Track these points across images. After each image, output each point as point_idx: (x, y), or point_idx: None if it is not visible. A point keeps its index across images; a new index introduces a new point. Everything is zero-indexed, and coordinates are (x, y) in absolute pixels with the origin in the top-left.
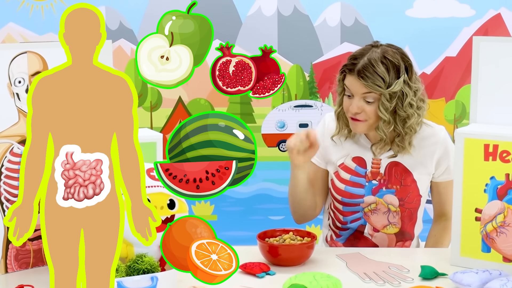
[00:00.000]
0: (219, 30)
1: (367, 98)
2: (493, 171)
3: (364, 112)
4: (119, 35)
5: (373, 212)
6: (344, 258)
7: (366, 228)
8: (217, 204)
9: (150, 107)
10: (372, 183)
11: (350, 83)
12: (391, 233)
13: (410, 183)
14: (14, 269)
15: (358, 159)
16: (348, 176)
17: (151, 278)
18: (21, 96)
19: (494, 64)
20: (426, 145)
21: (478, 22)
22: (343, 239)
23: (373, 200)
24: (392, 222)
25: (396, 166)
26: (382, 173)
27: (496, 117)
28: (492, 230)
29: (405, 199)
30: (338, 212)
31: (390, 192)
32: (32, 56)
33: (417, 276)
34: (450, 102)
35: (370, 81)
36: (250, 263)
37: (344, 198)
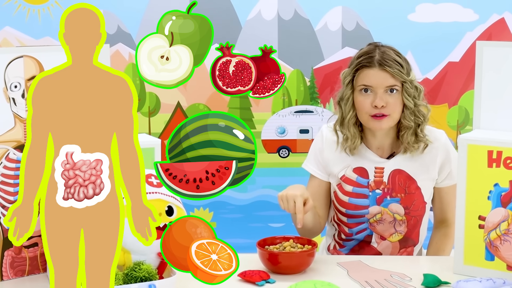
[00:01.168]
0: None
1: (393, 87)
2: (497, 178)
3: (388, 105)
4: (117, 39)
5: (378, 223)
6: (345, 266)
7: (373, 237)
8: (216, 211)
9: (148, 112)
10: (375, 192)
11: (371, 77)
12: (395, 241)
13: (414, 190)
14: (10, 277)
15: (359, 169)
16: (351, 188)
17: (149, 286)
18: (17, 101)
19: (498, 69)
20: (428, 150)
21: (482, 26)
22: (347, 249)
23: (378, 210)
24: (399, 230)
25: (400, 174)
26: (386, 181)
27: (500, 123)
28: (496, 238)
29: (411, 207)
30: (343, 224)
31: (395, 201)
32: (29, 60)
33: (420, 284)
34: (453, 108)
35: (395, 68)
36: (250, 271)
37: (349, 210)
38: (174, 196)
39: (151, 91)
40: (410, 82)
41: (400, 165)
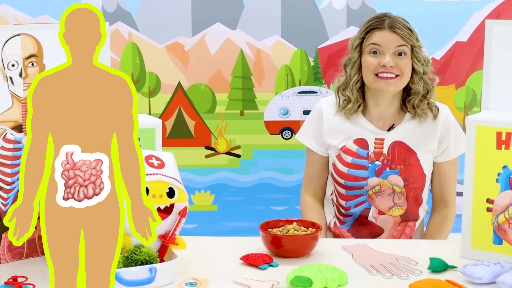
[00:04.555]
0: (220, 14)
1: (401, 50)
2: (506, 160)
3: (397, 66)
4: (116, 18)
5: (377, 195)
6: (350, 250)
7: (370, 211)
8: (217, 193)
9: (148, 93)
10: (375, 164)
11: (382, 38)
12: (397, 215)
13: (414, 162)
14: (7, 260)
15: (359, 140)
16: (350, 159)
17: (150, 269)
18: (15, 80)
19: (508, 48)
20: (428, 122)
21: (490, 5)
22: (347, 226)
23: (377, 182)
24: (398, 203)
25: (400, 145)
26: (385, 153)
27: (509, 104)
28: (504, 221)
29: (410, 179)
30: (341, 198)
31: (394, 173)
32: (26, 38)
33: (426, 268)
34: (460, 89)
35: (405, 31)
36: (252, 254)
37: (348, 182)
38: (176, 178)
39: (151, 71)
40: (419, 47)
41: (400, 136)
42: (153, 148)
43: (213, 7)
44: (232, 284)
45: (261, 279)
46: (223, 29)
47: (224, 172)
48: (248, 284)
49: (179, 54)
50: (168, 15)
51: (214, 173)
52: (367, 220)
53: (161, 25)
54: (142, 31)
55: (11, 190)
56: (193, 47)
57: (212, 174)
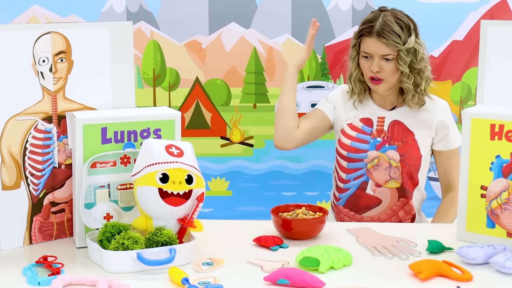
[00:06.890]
0: (235, 14)
1: (387, 57)
2: (499, 150)
3: (383, 70)
4: (139, 18)
5: (375, 168)
6: (354, 233)
7: (368, 184)
8: (232, 180)
9: (168, 87)
10: (376, 140)
11: (370, 45)
12: (393, 187)
13: (411, 141)
14: (38, 241)
15: (365, 119)
16: (355, 134)
17: (170, 250)
18: (45, 75)
19: (501, 47)
20: (426, 109)
21: (484, 7)
22: (342, 202)
23: (375, 155)
24: (394, 177)
25: (399, 124)
26: (386, 130)
27: (502, 98)
28: (497, 206)
29: (406, 155)
30: (342, 170)
31: (392, 148)
32: (56, 36)
33: (424, 250)
34: (456, 84)
35: (390, 39)
36: (264, 236)
37: (350, 153)
38: (194, 166)
39: (171, 67)
40: (407, 50)
41: (400, 117)
42: (173, 138)
43: (228, 8)
44: (246, 263)
45: (272, 259)
46: (238, 28)
47: (238, 160)
48: (260, 264)
49: (197, 51)
50: (187, 15)
51: (229, 161)
52: (364, 193)
53: (181, 24)
54: (163, 30)
55: (42, 176)
56: (210, 45)
57: (227, 162)
